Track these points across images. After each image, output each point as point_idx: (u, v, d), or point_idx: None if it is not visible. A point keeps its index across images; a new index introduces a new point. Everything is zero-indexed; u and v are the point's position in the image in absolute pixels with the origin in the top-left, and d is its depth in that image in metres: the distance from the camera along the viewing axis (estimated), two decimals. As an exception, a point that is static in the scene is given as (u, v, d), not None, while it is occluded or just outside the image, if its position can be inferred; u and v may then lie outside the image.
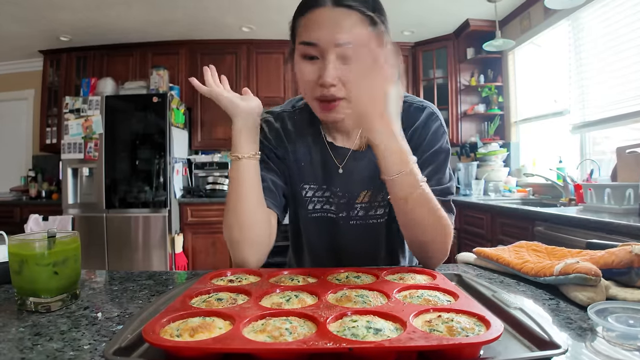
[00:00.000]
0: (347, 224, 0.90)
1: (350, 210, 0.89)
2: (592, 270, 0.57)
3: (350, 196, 0.88)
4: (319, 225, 0.92)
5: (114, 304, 0.62)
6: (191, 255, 3.60)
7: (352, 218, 0.89)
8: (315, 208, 0.91)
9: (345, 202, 0.88)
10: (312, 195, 0.90)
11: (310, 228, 0.94)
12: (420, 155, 0.83)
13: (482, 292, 0.59)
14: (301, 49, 0.73)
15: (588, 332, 0.48)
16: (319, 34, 0.71)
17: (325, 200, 0.90)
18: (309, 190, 0.90)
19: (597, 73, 2.65)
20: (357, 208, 0.88)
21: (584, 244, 0.83)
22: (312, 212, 0.91)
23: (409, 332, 0.41)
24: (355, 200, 0.88)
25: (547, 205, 2.74)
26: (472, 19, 3.62)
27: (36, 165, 4.36)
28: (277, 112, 0.93)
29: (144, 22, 3.60)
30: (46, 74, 4.17)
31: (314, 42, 0.71)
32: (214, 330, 0.43)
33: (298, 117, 0.91)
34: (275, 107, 0.96)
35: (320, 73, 0.72)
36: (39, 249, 0.58)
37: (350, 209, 0.89)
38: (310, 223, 0.93)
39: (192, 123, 4.04)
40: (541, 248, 0.81)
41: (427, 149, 0.84)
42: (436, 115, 0.87)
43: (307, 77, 0.74)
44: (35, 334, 0.49)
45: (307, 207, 0.91)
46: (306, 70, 0.74)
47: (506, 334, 0.45)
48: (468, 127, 3.99)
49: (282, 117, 0.92)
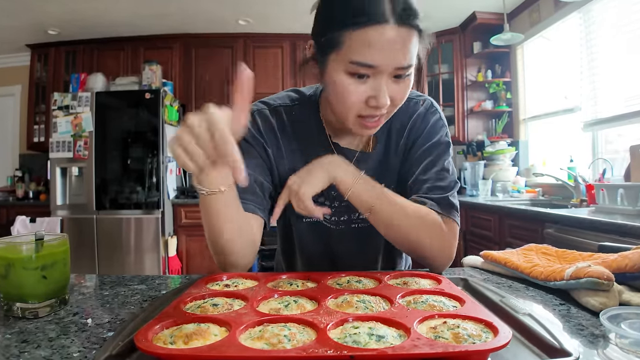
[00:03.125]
0: (348, 228, 0.89)
1: (352, 213, 0.88)
2: (605, 274, 0.57)
3: None
4: (314, 231, 0.91)
5: (104, 309, 0.62)
6: (185, 259, 3.61)
7: (353, 221, 0.89)
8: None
9: (346, 205, 0.86)
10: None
11: (304, 234, 0.93)
12: (418, 148, 0.85)
13: (490, 297, 0.59)
14: (350, 67, 0.68)
15: (600, 339, 0.48)
16: (381, 57, 0.66)
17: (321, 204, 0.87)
18: None
19: (609, 68, 2.65)
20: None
21: (595, 247, 0.83)
22: (308, 217, 0.89)
23: (413, 339, 0.41)
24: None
25: (558, 206, 2.74)
26: (479, 12, 3.62)
27: (23, 165, 4.36)
28: (274, 106, 0.89)
29: (135, 14, 3.61)
30: (34, 69, 4.17)
31: (374, 65, 0.67)
32: (209, 337, 0.43)
33: (297, 114, 0.88)
34: (270, 97, 0.91)
35: (374, 94, 0.69)
36: (26, 252, 0.58)
37: (352, 212, 0.88)
38: (305, 229, 0.92)
39: (186, 120, 4.04)
40: (551, 251, 0.82)
41: (424, 141, 0.85)
42: (435, 108, 0.88)
43: (356, 97, 0.70)
44: (23, 341, 0.49)
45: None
46: (355, 89, 0.70)
47: (515, 341, 0.45)
48: (475, 125, 3.99)
49: (279, 112, 0.88)
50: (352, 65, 0.68)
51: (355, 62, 0.67)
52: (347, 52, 0.68)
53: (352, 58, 0.67)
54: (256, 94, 0.66)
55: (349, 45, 0.67)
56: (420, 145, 0.85)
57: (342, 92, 0.71)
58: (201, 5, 3.49)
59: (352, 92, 0.70)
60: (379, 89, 0.69)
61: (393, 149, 0.87)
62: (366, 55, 0.66)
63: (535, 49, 3.50)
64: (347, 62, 0.68)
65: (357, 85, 0.69)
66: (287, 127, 0.87)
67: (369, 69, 0.68)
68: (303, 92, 0.91)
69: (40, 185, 4.19)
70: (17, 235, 0.65)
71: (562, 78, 3.16)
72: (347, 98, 0.71)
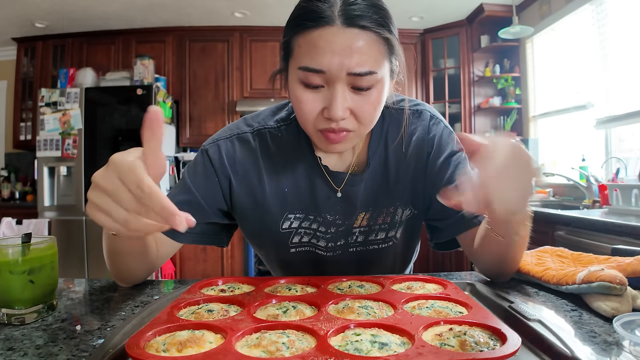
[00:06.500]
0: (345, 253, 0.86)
1: (349, 237, 0.85)
2: (617, 279, 0.57)
3: (349, 222, 0.84)
4: (303, 259, 0.87)
5: (94, 315, 0.62)
6: (179, 263, 3.61)
7: (350, 245, 0.86)
8: (302, 241, 0.85)
9: (344, 230, 0.84)
10: (298, 227, 0.84)
11: (292, 266, 0.89)
12: (432, 163, 0.83)
13: (498, 303, 0.59)
14: (301, 74, 0.66)
15: (614, 346, 0.48)
16: (328, 60, 0.63)
17: (312, 234, 0.85)
18: (294, 221, 0.84)
19: (623, 63, 2.65)
20: (355, 233, 0.85)
21: (609, 250, 0.83)
22: (297, 246, 0.86)
23: (418, 346, 0.41)
24: (353, 225, 0.84)
25: (569, 207, 2.74)
26: (486, 4, 3.62)
27: (9, 164, 4.36)
28: (258, 129, 0.85)
29: (127, 6, 3.61)
30: (20, 63, 4.18)
31: (320, 70, 0.64)
32: (204, 345, 0.43)
33: (284, 136, 0.84)
34: (252, 114, 0.88)
35: (327, 105, 0.66)
36: (12, 256, 0.58)
37: (349, 235, 0.85)
38: (293, 258, 0.87)
39: (180, 117, 4.05)
40: (566, 254, 0.82)
41: (438, 155, 0.83)
42: (436, 118, 0.86)
43: (309, 108, 0.68)
44: (8, 349, 0.49)
45: (290, 241, 0.85)
46: (307, 99, 0.68)
47: (524, 348, 0.45)
48: (482, 122, 4.00)
49: (263, 136, 0.84)
50: (301, 71, 0.66)
51: (303, 68, 0.66)
52: (297, 58, 0.67)
53: (300, 63, 0.66)
54: (252, 89, 0.66)
55: (298, 51, 0.67)
56: (435, 161, 0.82)
57: (297, 103, 0.69)
58: (195, -4, 3.49)
59: (306, 102, 0.68)
60: (331, 98, 0.66)
61: (393, 169, 0.84)
62: (312, 60, 0.64)
63: (546, 42, 3.50)
64: (297, 68, 0.67)
65: (311, 95, 0.67)
66: (272, 151, 0.83)
67: (319, 76, 0.65)
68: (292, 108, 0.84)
69: (27, 185, 4.19)
70: (3, 238, 0.65)
71: (574, 73, 3.16)
72: (301, 109, 0.69)
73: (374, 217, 0.85)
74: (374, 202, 0.84)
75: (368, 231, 0.85)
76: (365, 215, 0.84)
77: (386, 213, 0.85)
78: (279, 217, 0.84)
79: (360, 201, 0.83)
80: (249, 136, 0.84)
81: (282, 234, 0.84)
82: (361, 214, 0.84)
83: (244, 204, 0.84)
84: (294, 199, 0.83)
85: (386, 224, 0.85)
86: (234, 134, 0.84)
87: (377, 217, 0.85)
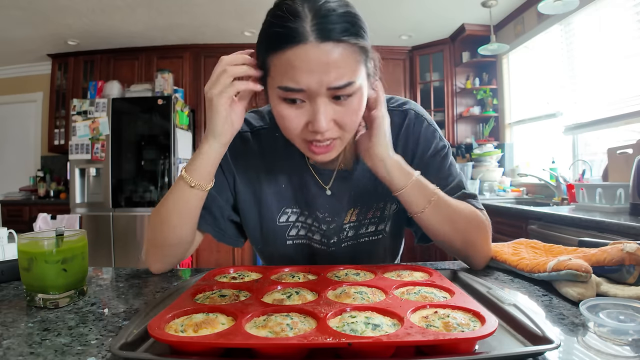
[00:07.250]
0: (338, 249, 0.82)
1: (340, 233, 0.81)
2: (583, 267, 0.57)
3: (339, 218, 0.80)
4: (300, 252, 0.83)
5: (120, 300, 0.62)
6: (195, 253, 3.60)
7: (342, 240, 0.82)
8: (299, 234, 0.82)
9: (335, 226, 0.80)
10: (295, 220, 0.81)
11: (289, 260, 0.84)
12: (418, 162, 0.78)
13: (477, 289, 0.59)
14: (280, 93, 0.61)
15: (580, 327, 0.48)
16: (306, 79, 0.58)
17: (308, 228, 0.82)
18: (291, 215, 0.81)
19: (588, 76, 2.65)
20: (345, 229, 0.81)
21: (576, 242, 0.83)
22: (294, 239, 0.82)
23: (406, 327, 0.41)
24: (343, 221, 0.81)
25: (540, 204, 2.74)
26: (467, 24, 3.62)
27: (45, 166, 4.36)
28: (257, 129, 0.82)
29: (149, 26, 3.61)
30: (54, 77, 4.18)
31: (300, 89, 0.59)
32: (217, 326, 0.43)
33: (279, 135, 0.74)
34: (252, 114, 0.84)
35: (311, 119, 0.61)
36: (48, 247, 0.58)
37: (340, 232, 0.81)
38: (290, 251, 0.83)
39: (196, 124, 4.04)
40: (539, 245, 0.82)
41: (422, 153, 0.79)
42: (421, 117, 0.80)
43: (293, 125, 0.63)
44: (44, 330, 0.49)
45: (288, 234, 0.82)
46: (290, 116, 0.62)
47: (500, 329, 0.45)
48: (463, 129, 4.00)
49: (261, 135, 0.81)
50: (281, 91, 0.60)
51: (282, 87, 0.60)
52: (275, 77, 0.61)
53: (279, 83, 0.60)
54: (259, 98, 0.66)
55: (274, 71, 0.61)
56: (420, 158, 0.78)
57: (281, 119, 0.64)
58: (209, 17, 3.49)
59: (289, 119, 0.62)
60: (314, 113, 0.60)
61: None
62: (290, 79, 0.58)
63: (520, 58, 3.50)
64: (276, 88, 0.61)
65: (294, 111, 0.62)
66: (268, 150, 0.81)
67: (299, 93, 0.60)
68: None
69: (61, 184, 4.19)
70: (39, 232, 0.65)
71: (545, 85, 3.16)
72: (286, 125, 0.64)
73: (363, 212, 0.81)
74: (363, 198, 0.80)
75: (358, 225, 0.82)
76: (355, 210, 0.81)
77: (376, 208, 0.82)
78: (277, 211, 0.81)
79: (350, 198, 0.80)
80: (248, 135, 0.81)
81: (279, 227, 0.82)
82: (350, 210, 0.81)
83: (245, 202, 0.82)
84: (290, 195, 0.81)
85: (376, 218, 0.82)
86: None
87: (366, 212, 0.82)
